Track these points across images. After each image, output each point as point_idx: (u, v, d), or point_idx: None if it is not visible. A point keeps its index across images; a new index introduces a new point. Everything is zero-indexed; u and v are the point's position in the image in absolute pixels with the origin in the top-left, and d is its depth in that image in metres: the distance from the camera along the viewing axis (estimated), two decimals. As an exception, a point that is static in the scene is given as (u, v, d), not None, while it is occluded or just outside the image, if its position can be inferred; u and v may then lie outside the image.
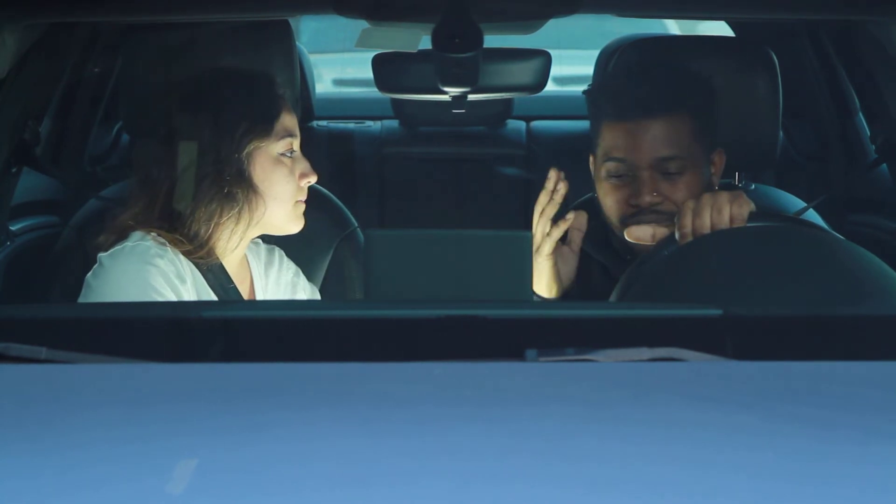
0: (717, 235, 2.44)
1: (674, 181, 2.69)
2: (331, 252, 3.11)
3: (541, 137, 4.34)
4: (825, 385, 1.81)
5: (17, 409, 1.71)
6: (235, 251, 2.74)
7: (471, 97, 2.87)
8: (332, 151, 4.21)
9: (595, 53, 3.66)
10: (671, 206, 2.64)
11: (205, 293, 2.66)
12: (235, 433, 1.60)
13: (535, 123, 4.40)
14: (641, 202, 2.67)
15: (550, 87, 3.11)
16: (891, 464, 1.54)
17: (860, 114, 3.66)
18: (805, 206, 3.09)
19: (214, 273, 2.69)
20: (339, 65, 6.56)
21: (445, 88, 2.81)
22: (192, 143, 2.69)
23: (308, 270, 2.98)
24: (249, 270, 2.83)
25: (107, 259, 2.63)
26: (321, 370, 1.83)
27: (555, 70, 3.07)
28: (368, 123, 4.41)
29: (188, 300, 2.60)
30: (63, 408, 1.71)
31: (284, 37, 3.10)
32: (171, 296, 2.58)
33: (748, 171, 3.16)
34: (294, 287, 2.89)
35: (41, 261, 3.17)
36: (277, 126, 2.71)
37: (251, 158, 2.69)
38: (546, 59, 2.95)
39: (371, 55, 3.01)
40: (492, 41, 2.75)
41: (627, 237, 2.58)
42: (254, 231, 2.74)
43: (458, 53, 2.69)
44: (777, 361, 1.88)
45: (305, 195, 2.76)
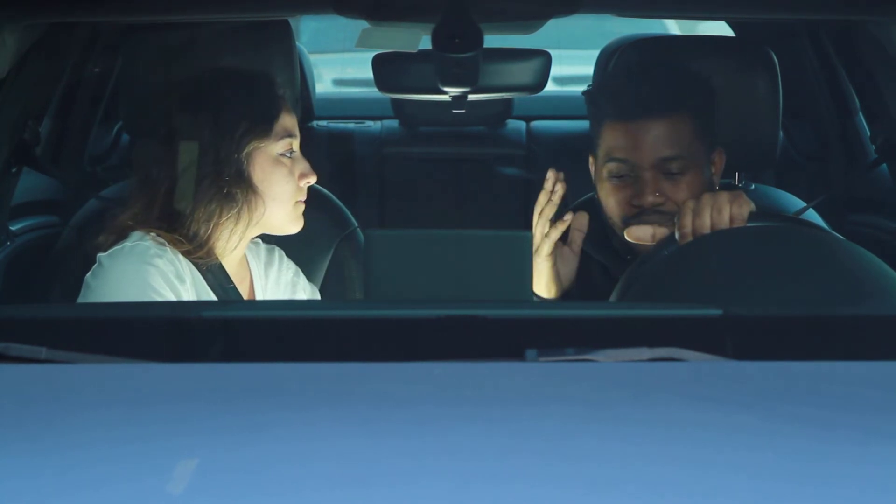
0: (717, 235, 2.44)
1: (676, 181, 2.69)
2: (331, 252, 3.11)
3: (541, 137, 4.34)
4: (825, 385, 1.81)
5: (17, 409, 1.71)
6: (235, 251, 2.73)
7: (471, 97, 2.87)
8: (332, 151, 4.21)
9: (595, 53, 3.66)
10: (673, 207, 2.64)
11: (204, 293, 2.66)
12: (235, 433, 1.60)
13: (535, 123, 4.39)
14: (644, 202, 2.67)
15: (550, 87, 3.11)
16: (891, 464, 1.54)
17: (860, 114, 3.66)
18: (805, 206, 3.09)
19: (214, 273, 2.69)
20: (339, 65, 6.56)
21: (445, 88, 2.81)
22: (192, 144, 2.69)
23: (308, 270, 2.98)
24: (249, 270, 2.83)
25: (106, 259, 2.63)
26: (321, 370, 1.83)
27: (555, 70, 3.07)
28: (368, 123, 4.40)
29: (188, 300, 2.60)
30: (63, 408, 1.71)
31: (284, 37, 3.10)
32: (171, 296, 2.58)
33: (748, 171, 3.16)
34: (294, 287, 2.89)
35: (41, 261, 3.17)
36: (277, 126, 2.71)
37: (251, 159, 2.69)
38: (546, 59, 2.94)
39: (371, 55, 3.01)
40: (492, 41, 2.75)
41: (627, 237, 2.58)
42: (253, 231, 2.74)
43: (458, 53, 2.69)
44: (777, 361, 1.88)
45: (305, 195, 2.76)
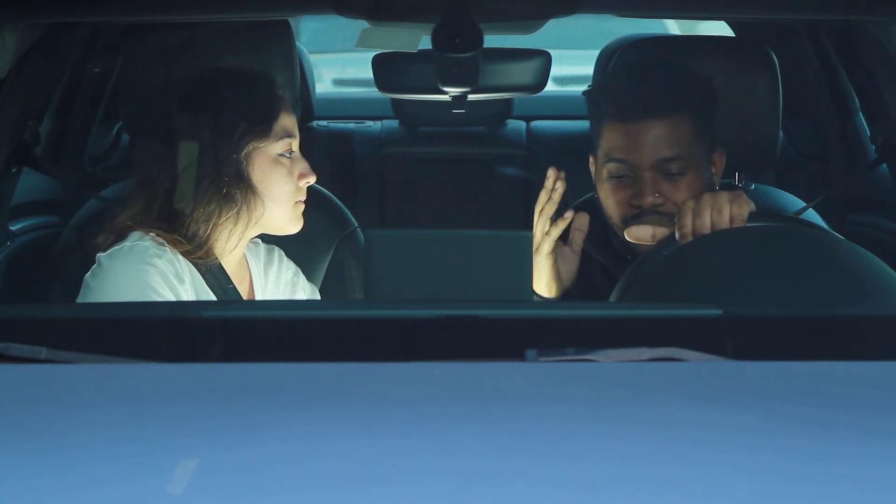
0: (717, 235, 2.44)
1: (676, 182, 2.68)
2: (331, 252, 3.11)
3: (541, 137, 4.34)
4: (825, 385, 1.81)
5: (17, 409, 1.71)
6: (234, 251, 2.73)
7: (471, 97, 2.87)
8: (332, 151, 4.21)
9: (595, 53, 3.66)
10: (673, 207, 2.63)
11: (204, 293, 2.66)
12: (235, 433, 1.60)
13: (535, 123, 4.39)
14: (644, 203, 2.67)
15: (550, 87, 3.11)
16: (891, 464, 1.54)
17: (860, 114, 3.66)
18: (805, 206, 3.09)
19: (213, 273, 2.69)
20: (339, 65, 6.56)
21: (445, 88, 2.81)
22: (192, 144, 2.69)
23: (308, 270, 2.98)
24: (249, 270, 2.83)
25: (105, 259, 2.63)
26: (321, 370, 1.83)
27: (555, 70, 3.07)
28: (368, 123, 4.40)
29: (187, 300, 2.60)
30: (63, 408, 1.71)
31: (284, 37, 3.10)
32: (170, 296, 2.58)
33: (748, 171, 3.16)
34: (294, 287, 2.89)
35: (41, 261, 3.17)
36: (276, 126, 2.71)
37: (250, 159, 2.69)
38: (546, 59, 2.94)
39: (371, 55, 3.01)
40: (492, 41, 2.75)
41: (627, 237, 2.58)
42: (253, 231, 2.74)
43: (458, 53, 2.69)
44: (777, 361, 1.88)
45: (304, 195, 2.76)
